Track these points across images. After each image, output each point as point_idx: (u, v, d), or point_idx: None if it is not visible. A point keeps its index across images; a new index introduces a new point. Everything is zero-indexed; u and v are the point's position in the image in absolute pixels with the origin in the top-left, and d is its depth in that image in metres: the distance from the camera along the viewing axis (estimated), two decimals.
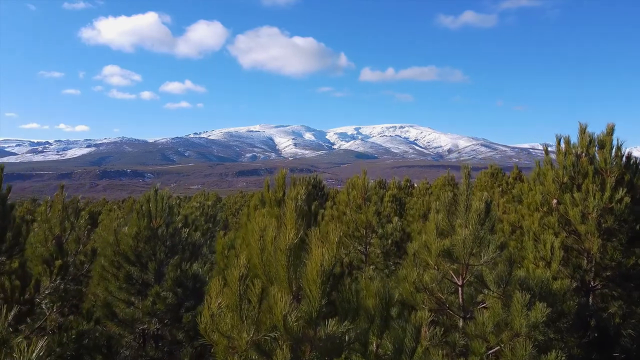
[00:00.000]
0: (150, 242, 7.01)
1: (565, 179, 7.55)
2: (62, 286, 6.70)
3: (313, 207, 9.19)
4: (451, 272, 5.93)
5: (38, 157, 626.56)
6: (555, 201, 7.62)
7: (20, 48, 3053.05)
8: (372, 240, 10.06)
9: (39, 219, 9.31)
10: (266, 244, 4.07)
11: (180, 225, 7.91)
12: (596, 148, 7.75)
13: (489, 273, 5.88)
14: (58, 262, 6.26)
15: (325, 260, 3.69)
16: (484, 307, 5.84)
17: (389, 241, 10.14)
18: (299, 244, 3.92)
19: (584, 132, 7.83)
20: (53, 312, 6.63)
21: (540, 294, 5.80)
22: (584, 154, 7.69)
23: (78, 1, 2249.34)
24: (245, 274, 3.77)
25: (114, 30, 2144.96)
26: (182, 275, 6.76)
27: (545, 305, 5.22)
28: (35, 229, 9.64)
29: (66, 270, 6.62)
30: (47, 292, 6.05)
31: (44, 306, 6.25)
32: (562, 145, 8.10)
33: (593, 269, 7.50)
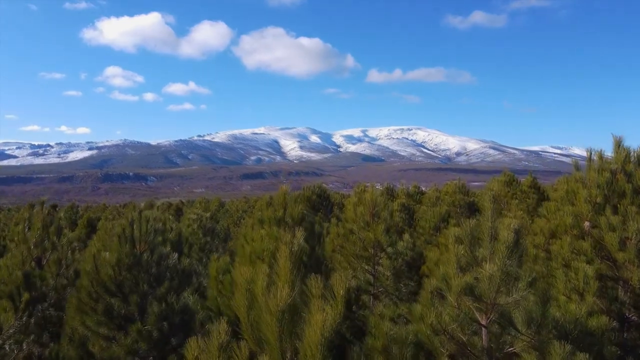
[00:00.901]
0: (132, 270, 6.24)
1: (599, 199, 6.71)
2: (32, 320, 5.93)
3: (316, 225, 8.40)
4: (473, 309, 5.13)
5: (39, 160, 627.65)
6: (587, 224, 6.79)
7: (21, 49, 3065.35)
8: (381, 261, 9.25)
9: (15, 238, 8.54)
10: (255, 296, 3.29)
11: (168, 248, 7.12)
12: (633, 164, 6.91)
13: (518, 311, 5.09)
14: (25, 296, 5.50)
15: (328, 326, 2.90)
16: (512, 351, 5.04)
17: (400, 260, 9.33)
18: (295, 300, 3.14)
19: (619, 146, 6.99)
20: (22, 350, 5.86)
21: (577, 337, 5.01)
22: (619, 171, 6.85)
23: (80, 1, 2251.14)
24: (226, 341, 2.99)
25: (116, 30, 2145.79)
26: (168, 309, 5.99)
27: (587, 356, 4.44)
28: (13, 249, 8.89)
29: (36, 303, 5.87)
30: (11, 331, 5.28)
31: (7, 347, 5.50)
32: (594, 159, 7.21)
33: (631, 300, 6.67)
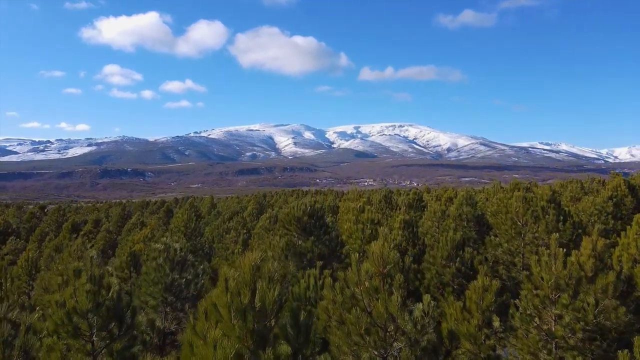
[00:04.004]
0: None
1: None
2: None
3: (302, 314, 5.69)
4: None
5: (39, 156, 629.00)
6: None
7: (21, 47, 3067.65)
8: (395, 343, 6.57)
9: None
10: None
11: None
12: None
13: None
14: None
15: None
16: None
17: (421, 340, 6.62)
18: None
19: None
20: None
21: None
22: None
23: (80, 1, 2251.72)
24: None
25: (114, 30, 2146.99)
26: None
27: None
28: None
29: None
30: None
31: None
32: None
33: None
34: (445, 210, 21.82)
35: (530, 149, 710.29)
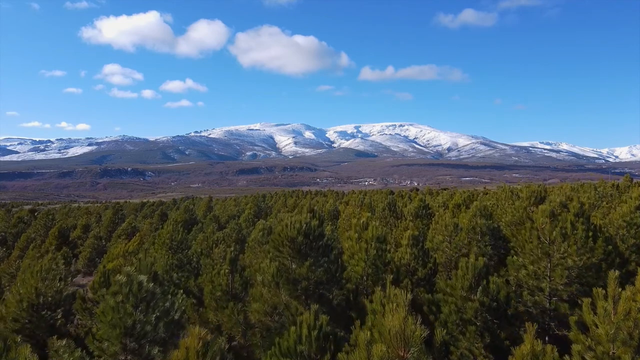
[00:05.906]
0: None
1: None
2: None
3: None
4: None
5: (40, 156, 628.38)
6: None
7: (22, 47, 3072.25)
8: None
9: None
10: None
11: None
12: None
13: None
14: None
15: None
16: None
17: None
18: None
19: None
20: None
21: None
22: None
23: (80, 0, 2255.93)
24: None
25: (115, 29, 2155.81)
26: None
27: None
28: None
29: None
30: None
31: None
32: None
33: None
34: (457, 223, 19.56)
35: (530, 148, 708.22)
